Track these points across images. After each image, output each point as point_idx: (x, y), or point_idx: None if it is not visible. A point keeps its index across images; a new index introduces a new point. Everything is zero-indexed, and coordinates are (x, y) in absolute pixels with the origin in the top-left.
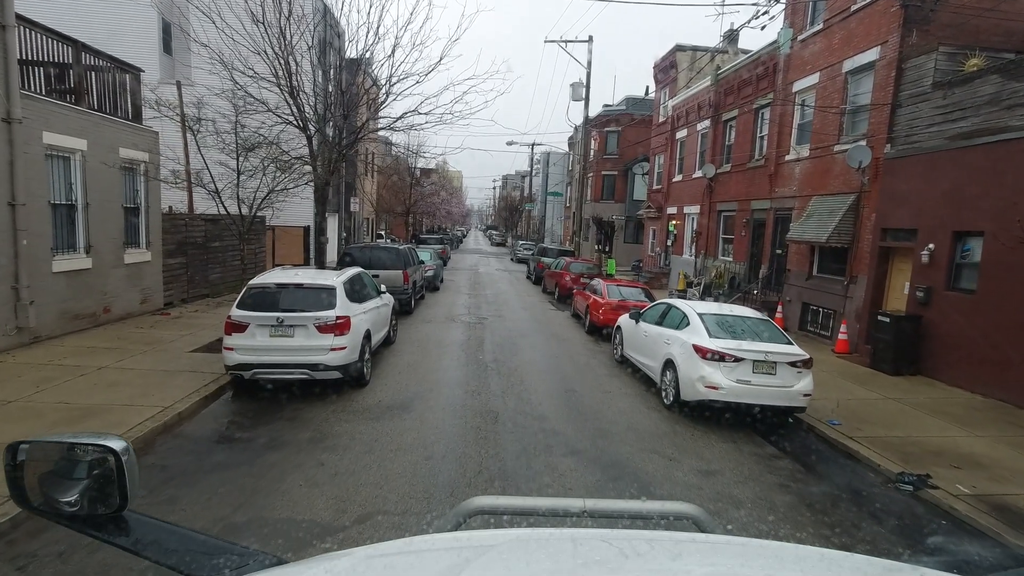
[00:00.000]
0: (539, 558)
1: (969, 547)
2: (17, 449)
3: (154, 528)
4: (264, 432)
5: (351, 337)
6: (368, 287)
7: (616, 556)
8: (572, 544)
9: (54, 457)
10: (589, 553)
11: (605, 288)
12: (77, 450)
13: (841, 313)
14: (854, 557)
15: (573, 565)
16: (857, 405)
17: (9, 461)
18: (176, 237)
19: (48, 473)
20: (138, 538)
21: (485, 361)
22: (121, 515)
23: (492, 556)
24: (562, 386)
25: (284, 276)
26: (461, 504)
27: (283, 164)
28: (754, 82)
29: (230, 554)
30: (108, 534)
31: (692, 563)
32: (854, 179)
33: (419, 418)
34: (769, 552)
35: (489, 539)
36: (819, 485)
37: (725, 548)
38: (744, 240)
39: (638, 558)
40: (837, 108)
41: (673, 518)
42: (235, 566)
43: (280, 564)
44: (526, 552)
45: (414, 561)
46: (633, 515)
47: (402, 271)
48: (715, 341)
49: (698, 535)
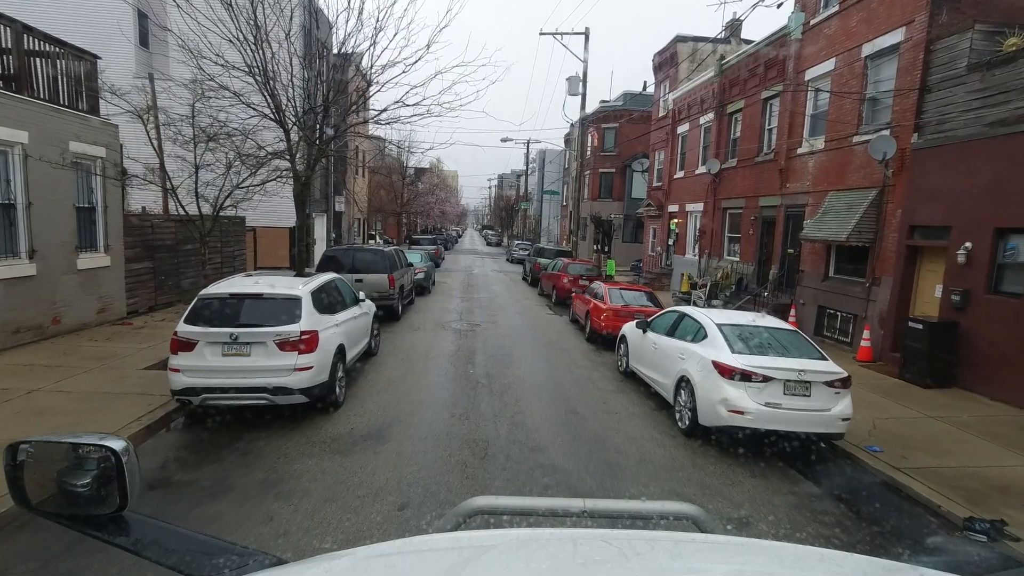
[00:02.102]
0: (539, 558)
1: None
2: (17, 449)
3: (154, 528)
4: (210, 472)
5: (319, 355)
6: (344, 295)
7: (616, 556)
8: (572, 544)
9: (54, 457)
10: (589, 553)
11: (607, 292)
12: (77, 450)
13: (863, 318)
14: (854, 557)
15: (573, 565)
16: (895, 425)
17: (9, 461)
18: (141, 239)
19: (48, 473)
20: (138, 538)
21: (476, 376)
22: (121, 515)
23: (492, 556)
24: (562, 406)
25: (242, 285)
26: (461, 504)
27: (250, 158)
28: (762, 72)
29: (230, 554)
30: (108, 534)
31: (692, 563)
32: (876, 172)
33: (396, 451)
34: (769, 552)
35: (489, 539)
36: (875, 537)
37: (725, 548)
38: (752, 239)
39: (638, 558)
40: (856, 94)
41: (673, 518)
42: (235, 566)
43: (280, 564)
44: (526, 552)
45: (414, 561)
46: (633, 515)
47: (388, 275)
48: (739, 357)
49: (698, 535)
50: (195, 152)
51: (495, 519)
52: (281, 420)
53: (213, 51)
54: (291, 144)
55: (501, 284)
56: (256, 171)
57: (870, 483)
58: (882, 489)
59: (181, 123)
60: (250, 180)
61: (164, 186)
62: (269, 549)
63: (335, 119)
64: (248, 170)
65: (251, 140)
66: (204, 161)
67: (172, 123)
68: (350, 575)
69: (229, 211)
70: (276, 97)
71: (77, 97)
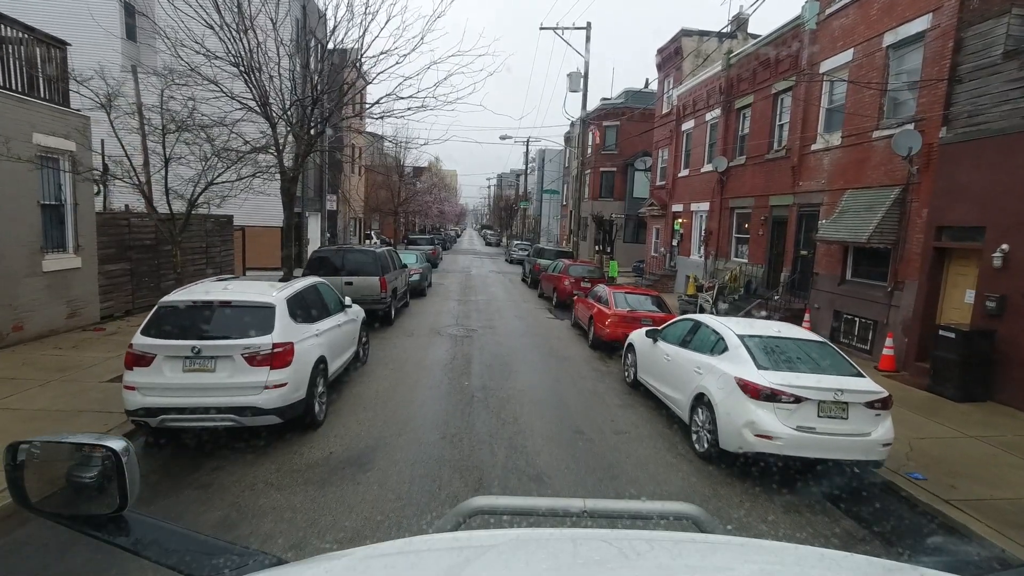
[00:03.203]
0: (539, 558)
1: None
2: (17, 449)
3: (154, 528)
4: (162, 509)
5: (295, 369)
6: (326, 300)
7: (616, 556)
8: (572, 544)
9: (54, 457)
10: (589, 553)
11: (611, 296)
12: (77, 450)
13: (884, 324)
14: (854, 557)
15: (573, 565)
16: (933, 447)
17: (9, 461)
18: (117, 239)
19: (48, 473)
20: (138, 538)
21: (471, 389)
22: (121, 515)
23: (492, 556)
24: (565, 425)
25: (209, 291)
26: (461, 504)
27: (229, 152)
28: (773, 65)
29: (230, 554)
30: (108, 534)
31: (692, 563)
32: (899, 169)
33: (379, 481)
34: (769, 552)
35: (489, 539)
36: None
37: (725, 548)
38: (762, 240)
39: (638, 558)
40: (878, 86)
41: (673, 518)
42: (235, 566)
43: (280, 564)
44: (526, 552)
45: (414, 561)
46: (633, 515)
47: (379, 277)
48: (765, 374)
49: (698, 535)
50: (163, 143)
51: (495, 519)
52: (252, 443)
53: (193, 38)
54: (278, 138)
55: (500, 286)
56: (234, 165)
57: (917, 520)
58: (933, 527)
59: (149, 112)
60: (228, 175)
61: (135, 181)
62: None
63: (325, 112)
64: (225, 164)
65: (231, 132)
66: (176, 154)
67: (136, 112)
68: (350, 575)
69: (213, 209)
70: (261, 87)
71: (46, 86)
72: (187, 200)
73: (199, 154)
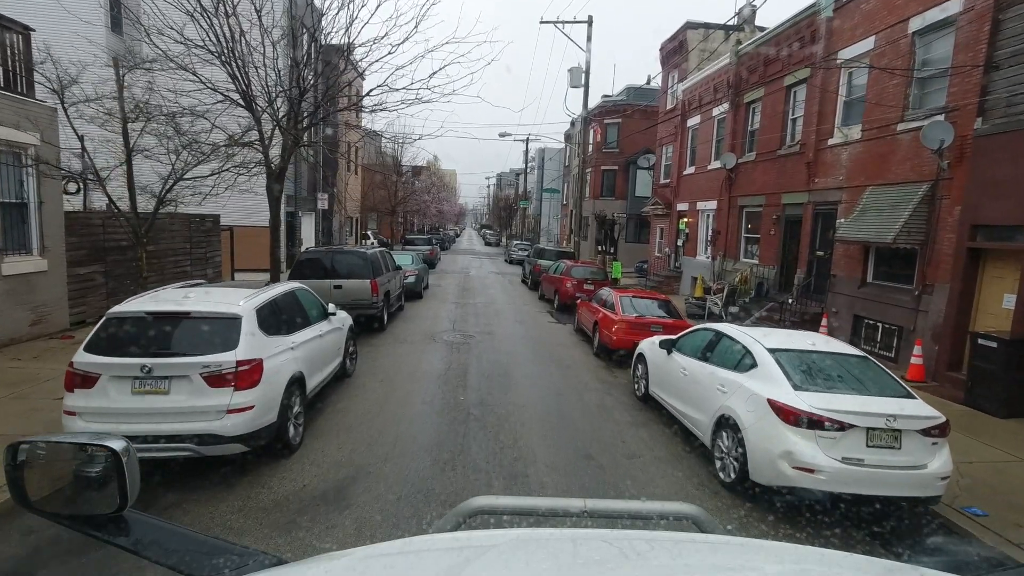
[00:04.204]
0: (539, 558)
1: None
2: (18, 449)
3: (154, 528)
4: (94, 567)
5: (264, 390)
6: (306, 308)
7: (616, 556)
8: (572, 544)
9: (55, 457)
10: (589, 553)
11: (618, 300)
12: (78, 450)
13: (911, 330)
14: (854, 557)
15: (573, 565)
16: (986, 473)
17: (9, 461)
18: (90, 240)
19: (48, 473)
20: (138, 538)
21: (467, 405)
22: (121, 515)
23: (492, 556)
24: (571, 447)
25: (166, 300)
26: (461, 504)
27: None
28: (785, 56)
29: (230, 554)
30: (108, 534)
31: (692, 563)
32: (927, 164)
33: (357, 524)
34: (769, 552)
35: (489, 539)
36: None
37: (725, 548)
38: (773, 240)
39: (638, 558)
40: (905, 72)
41: (673, 518)
42: (235, 566)
43: (280, 564)
44: (526, 552)
45: (414, 561)
46: (633, 515)
47: (370, 281)
48: (803, 395)
49: (698, 535)
50: (124, 132)
51: (495, 519)
52: (214, 473)
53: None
54: (262, 130)
55: (499, 287)
56: (206, 158)
57: (985, 566)
58: None
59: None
60: (202, 170)
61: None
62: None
63: (314, 103)
64: (196, 157)
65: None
66: (141, 146)
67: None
68: (350, 575)
69: (184, 208)
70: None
71: (5, 75)
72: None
73: (171, 147)
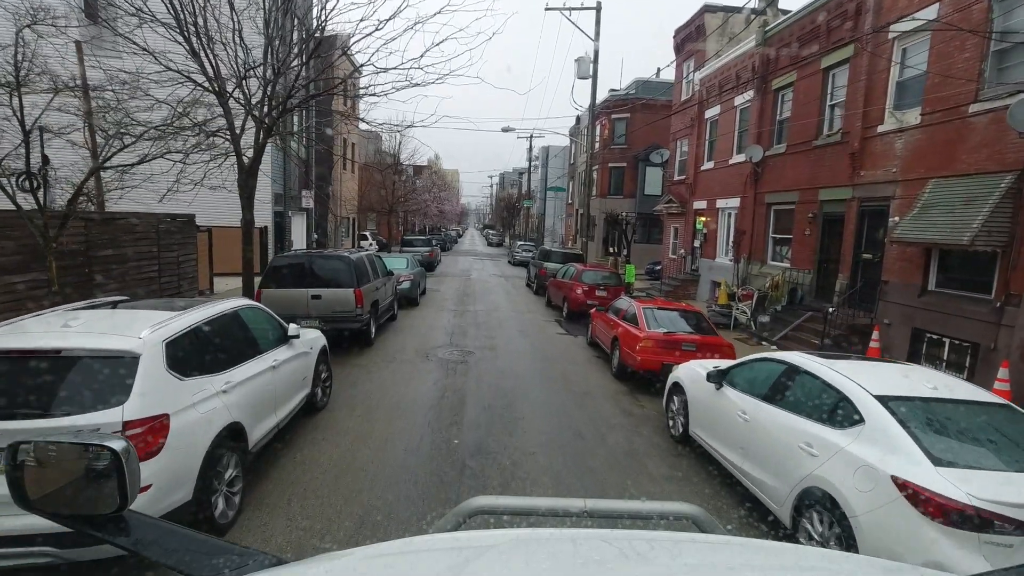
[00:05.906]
0: (539, 558)
1: None
2: (18, 449)
3: (154, 528)
4: None
5: (169, 458)
6: (254, 333)
7: (616, 556)
8: (572, 544)
9: (55, 457)
10: (589, 553)
11: (641, 313)
12: (78, 450)
13: (991, 348)
14: (854, 557)
15: (573, 565)
16: None
17: (10, 461)
18: (27, 244)
19: (48, 472)
20: (138, 538)
21: (461, 454)
22: (121, 515)
23: (492, 556)
24: None
25: (35, 332)
26: (461, 504)
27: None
28: (823, 34)
29: (230, 554)
30: (108, 534)
31: (692, 563)
32: (1010, 150)
33: None
34: (769, 552)
35: (489, 539)
36: None
37: (725, 548)
38: (808, 240)
39: (638, 558)
40: (974, 46)
41: (673, 518)
42: (235, 566)
43: (280, 564)
44: (526, 552)
45: (414, 561)
46: (633, 515)
47: (354, 289)
48: (950, 475)
49: (698, 535)
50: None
51: (495, 519)
52: None
53: None
54: (230, 117)
55: (502, 292)
56: (134, 142)
57: None
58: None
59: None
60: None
61: None
62: None
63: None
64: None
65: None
66: (53, 123)
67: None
68: (350, 575)
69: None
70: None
71: None
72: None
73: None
